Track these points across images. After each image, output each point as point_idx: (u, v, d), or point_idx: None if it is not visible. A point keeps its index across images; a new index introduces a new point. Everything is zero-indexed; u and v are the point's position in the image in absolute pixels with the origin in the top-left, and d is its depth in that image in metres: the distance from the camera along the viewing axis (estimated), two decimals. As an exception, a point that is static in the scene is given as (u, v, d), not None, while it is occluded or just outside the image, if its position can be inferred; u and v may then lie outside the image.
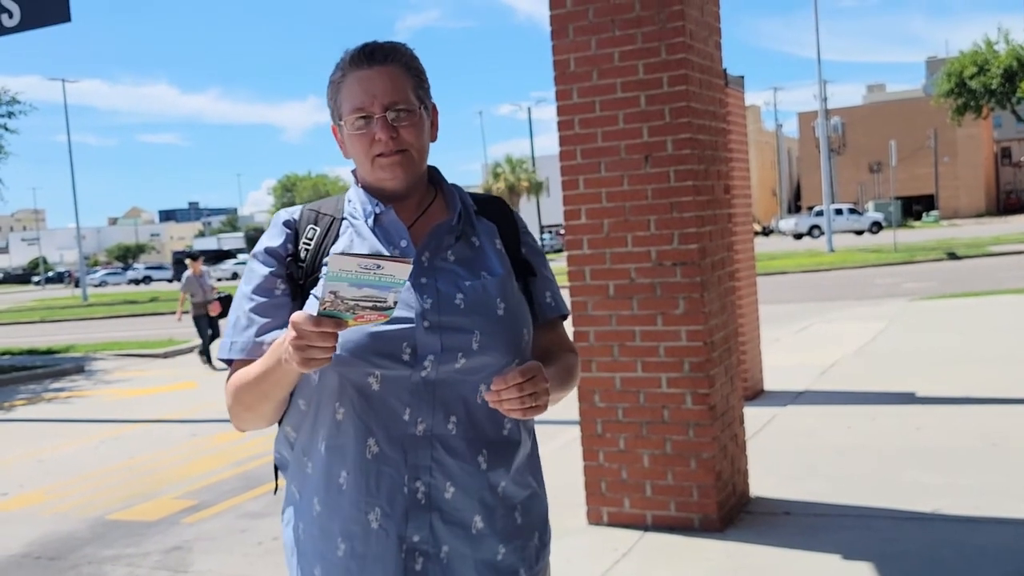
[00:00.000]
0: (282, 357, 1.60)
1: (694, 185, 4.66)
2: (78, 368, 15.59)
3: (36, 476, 7.82)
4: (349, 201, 1.85)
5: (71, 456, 8.56)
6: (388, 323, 1.66)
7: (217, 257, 69.76)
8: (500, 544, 1.77)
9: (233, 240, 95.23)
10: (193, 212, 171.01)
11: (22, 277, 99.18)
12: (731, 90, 7.99)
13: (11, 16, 7.15)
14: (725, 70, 7.64)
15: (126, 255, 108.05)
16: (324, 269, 1.64)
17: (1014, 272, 20.30)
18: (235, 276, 62.14)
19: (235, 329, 1.79)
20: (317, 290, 1.68)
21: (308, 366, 1.53)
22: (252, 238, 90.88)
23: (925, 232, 49.27)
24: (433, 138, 1.85)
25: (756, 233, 62.77)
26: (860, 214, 56.47)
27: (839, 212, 53.59)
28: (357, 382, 1.70)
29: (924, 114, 70.95)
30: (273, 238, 1.83)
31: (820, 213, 51.55)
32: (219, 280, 61.67)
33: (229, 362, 1.80)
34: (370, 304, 1.53)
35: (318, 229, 1.81)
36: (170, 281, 67.80)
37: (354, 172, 1.89)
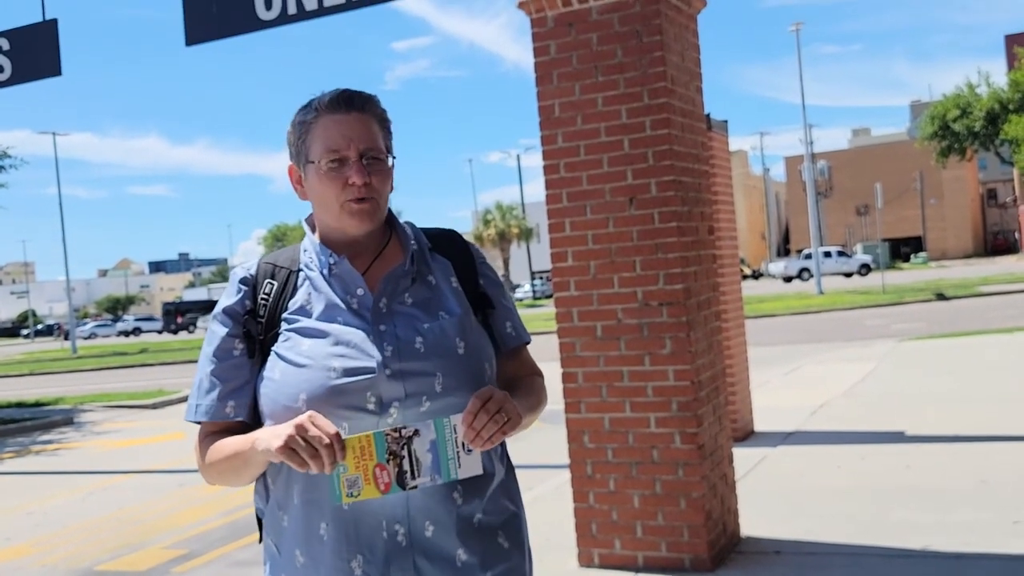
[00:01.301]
0: (258, 440, 1.66)
1: (678, 226, 4.72)
2: (67, 420, 15.49)
3: (24, 528, 7.75)
4: (305, 251, 1.87)
5: (59, 508, 8.50)
6: (349, 375, 1.71)
7: (208, 307, 69.62)
8: (488, 572, 1.78)
9: (223, 290, 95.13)
10: (183, 263, 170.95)
11: (11, 330, 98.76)
12: (714, 134, 8.10)
13: (2, 70, 7.22)
14: (708, 115, 7.77)
15: (116, 307, 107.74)
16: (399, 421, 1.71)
17: (1002, 312, 20.42)
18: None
19: (199, 391, 1.83)
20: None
21: (285, 453, 1.58)
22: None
23: (914, 273, 49.54)
24: (391, 188, 1.87)
25: (745, 276, 63.14)
26: (849, 256, 56.81)
27: (828, 255, 53.89)
28: None
29: (909, 157, 71.68)
30: (230, 296, 1.86)
31: (809, 256, 51.87)
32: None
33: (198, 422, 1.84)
34: (397, 469, 1.60)
35: (275, 283, 1.84)
36: (160, 332, 67.53)
37: (307, 220, 1.90)
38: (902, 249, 75.06)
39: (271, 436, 1.62)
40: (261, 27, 5.71)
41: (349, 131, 1.77)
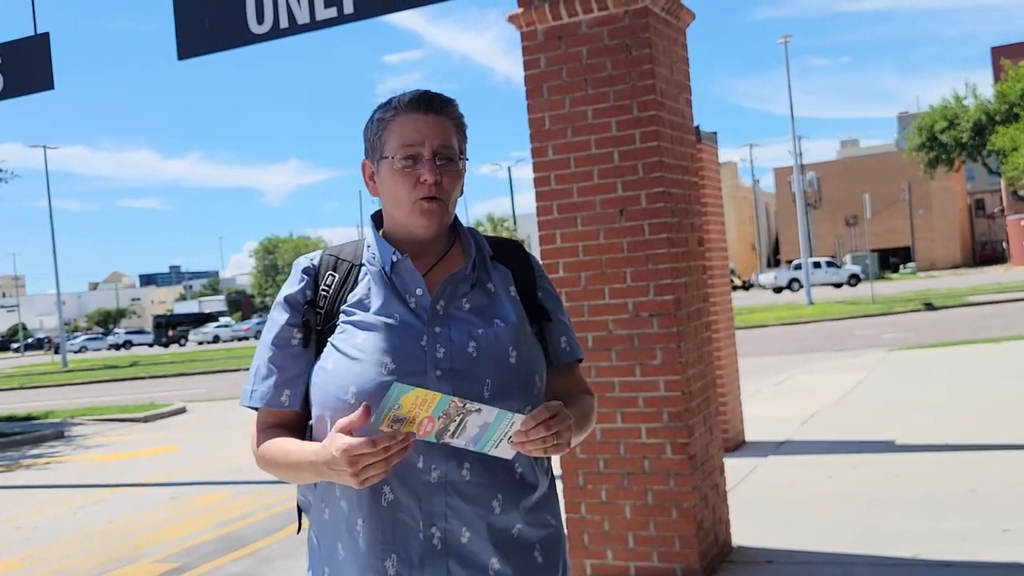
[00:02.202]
0: (326, 471, 1.66)
1: (668, 238, 4.75)
2: (57, 434, 15.43)
3: (14, 543, 7.72)
4: (368, 247, 1.89)
5: (49, 522, 8.46)
6: (401, 375, 1.72)
7: (199, 320, 69.44)
8: None
9: (215, 303, 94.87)
10: (174, 276, 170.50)
11: (1, 344, 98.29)
12: (704, 146, 8.15)
13: (-6, 84, 7.21)
14: (698, 127, 7.82)
15: (106, 320, 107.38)
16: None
17: (990, 321, 20.51)
18: (216, 339, 61.84)
19: (256, 378, 1.85)
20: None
21: (368, 483, 1.62)
22: (233, 301, 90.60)
23: (903, 284, 49.72)
24: (460, 192, 1.88)
25: (736, 287, 63.24)
26: (838, 267, 57.03)
27: (817, 265, 54.11)
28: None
29: (898, 168, 72.01)
30: (292, 285, 1.88)
31: (799, 267, 51.99)
32: (200, 344, 61.33)
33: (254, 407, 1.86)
34: (442, 427, 1.61)
35: (337, 276, 1.86)
36: (151, 345, 67.27)
37: (373, 217, 1.93)
38: (891, 259, 75.33)
39: (337, 475, 1.64)
40: (253, 41, 5.72)
41: (426, 129, 1.80)
